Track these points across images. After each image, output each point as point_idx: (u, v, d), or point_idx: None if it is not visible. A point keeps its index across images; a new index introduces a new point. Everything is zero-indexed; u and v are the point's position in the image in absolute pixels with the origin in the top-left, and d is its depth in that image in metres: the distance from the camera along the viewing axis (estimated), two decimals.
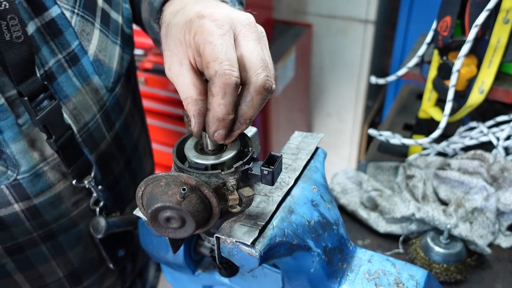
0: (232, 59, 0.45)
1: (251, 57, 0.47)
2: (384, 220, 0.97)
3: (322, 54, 2.49)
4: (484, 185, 0.93)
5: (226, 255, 0.49)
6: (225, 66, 0.45)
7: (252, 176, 0.49)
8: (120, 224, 0.79)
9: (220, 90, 0.45)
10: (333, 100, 2.62)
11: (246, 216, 0.49)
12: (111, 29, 0.74)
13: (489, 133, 1.05)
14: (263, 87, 0.46)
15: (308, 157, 0.59)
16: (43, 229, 0.69)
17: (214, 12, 0.48)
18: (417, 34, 1.35)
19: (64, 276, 0.76)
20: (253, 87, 0.46)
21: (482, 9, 0.89)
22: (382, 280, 0.55)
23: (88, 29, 0.69)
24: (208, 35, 0.46)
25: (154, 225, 0.45)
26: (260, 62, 0.46)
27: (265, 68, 0.46)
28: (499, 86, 0.99)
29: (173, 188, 0.43)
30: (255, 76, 0.46)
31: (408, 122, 1.34)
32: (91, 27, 0.70)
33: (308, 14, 2.42)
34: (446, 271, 0.86)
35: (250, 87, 0.46)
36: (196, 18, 0.48)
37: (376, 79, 1.26)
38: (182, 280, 0.75)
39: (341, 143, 2.75)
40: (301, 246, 0.51)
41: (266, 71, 0.46)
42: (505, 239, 0.94)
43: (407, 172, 1.03)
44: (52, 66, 0.65)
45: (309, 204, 0.54)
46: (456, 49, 0.98)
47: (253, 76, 0.46)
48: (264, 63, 0.46)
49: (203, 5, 0.50)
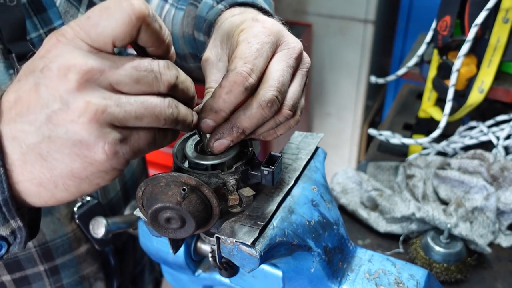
0: (257, 67, 0.45)
1: (276, 73, 0.46)
2: (384, 220, 0.97)
3: (322, 54, 2.49)
4: (484, 184, 0.93)
5: (226, 255, 0.49)
6: (246, 67, 0.44)
7: (252, 176, 0.49)
8: (121, 224, 0.79)
9: (228, 85, 0.44)
10: (333, 100, 2.62)
11: (246, 216, 0.49)
12: None
13: (489, 133, 1.05)
14: (267, 103, 0.45)
15: (308, 157, 0.59)
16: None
17: (268, 21, 0.48)
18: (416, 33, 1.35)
19: (34, 246, 0.73)
20: (257, 99, 0.45)
21: (481, 9, 0.89)
22: (382, 280, 0.55)
23: (72, 12, 0.71)
24: (251, 36, 0.46)
25: (154, 226, 0.45)
26: (277, 82, 0.45)
27: (279, 90, 0.45)
28: (499, 86, 0.99)
29: (173, 188, 0.43)
30: (265, 90, 0.45)
31: (408, 122, 1.34)
32: (75, 11, 0.72)
33: (308, 14, 2.43)
34: (447, 271, 0.86)
35: (255, 98, 0.45)
36: (251, 19, 0.49)
37: (376, 79, 1.26)
38: (182, 280, 0.75)
39: (341, 143, 2.75)
40: (301, 246, 0.51)
41: (277, 92, 0.45)
42: (505, 239, 0.94)
43: (407, 172, 1.03)
44: (34, 38, 0.67)
45: (309, 204, 0.54)
46: (456, 48, 0.98)
47: (263, 89, 0.45)
48: (281, 86, 0.45)
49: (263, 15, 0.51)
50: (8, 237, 0.40)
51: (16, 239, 0.41)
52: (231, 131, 0.46)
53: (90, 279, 0.84)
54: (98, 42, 0.36)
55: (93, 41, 0.36)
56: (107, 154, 0.36)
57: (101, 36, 0.36)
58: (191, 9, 0.70)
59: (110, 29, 0.36)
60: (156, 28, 0.38)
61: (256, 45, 0.45)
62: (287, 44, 0.48)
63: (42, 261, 0.75)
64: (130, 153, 0.38)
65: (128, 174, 0.91)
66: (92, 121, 0.35)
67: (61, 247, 0.76)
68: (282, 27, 0.50)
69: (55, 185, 0.38)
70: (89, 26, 0.36)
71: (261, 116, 0.45)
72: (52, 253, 0.75)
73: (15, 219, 0.40)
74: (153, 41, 0.39)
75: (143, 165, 1.02)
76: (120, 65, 0.37)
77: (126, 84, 0.37)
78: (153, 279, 1.08)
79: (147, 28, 0.37)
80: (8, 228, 0.40)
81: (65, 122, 0.35)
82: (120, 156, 0.37)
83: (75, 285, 0.81)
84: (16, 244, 0.42)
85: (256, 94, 0.45)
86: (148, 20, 0.37)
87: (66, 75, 0.35)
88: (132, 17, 0.36)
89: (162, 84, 0.39)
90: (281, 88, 0.45)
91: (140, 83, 0.37)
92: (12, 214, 0.39)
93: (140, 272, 1.02)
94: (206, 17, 0.64)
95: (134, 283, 0.99)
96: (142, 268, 1.02)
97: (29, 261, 0.74)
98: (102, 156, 0.36)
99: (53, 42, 0.37)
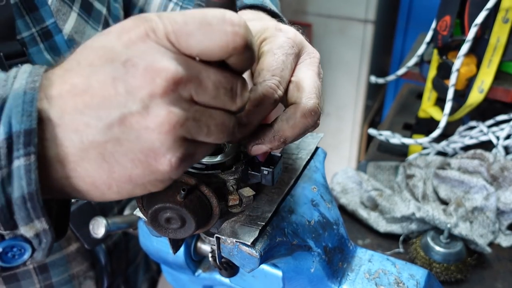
0: (284, 79, 0.45)
1: (310, 81, 0.46)
2: (384, 220, 0.97)
3: (321, 54, 2.46)
4: (484, 184, 0.93)
5: (226, 255, 0.49)
6: (274, 80, 0.44)
7: (252, 176, 0.49)
8: (121, 224, 0.79)
9: (258, 98, 0.43)
10: (333, 100, 2.62)
11: (246, 216, 0.49)
12: (93, 16, 0.76)
13: (489, 133, 1.05)
14: (311, 112, 0.44)
15: (308, 157, 0.59)
16: None
17: (291, 32, 0.48)
18: (416, 33, 1.35)
19: None
20: (302, 107, 0.44)
21: (481, 9, 0.89)
22: (382, 279, 0.55)
23: (65, 10, 0.71)
24: (276, 47, 0.46)
25: (154, 226, 0.45)
26: (316, 89, 0.45)
27: (319, 97, 0.45)
28: (499, 85, 0.99)
29: (173, 188, 0.43)
30: (307, 99, 0.45)
31: (408, 122, 1.34)
32: (68, 9, 0.72)
33: (307, 14, 2.43)
34: (447, 271, 0.86)
35: (299, 107, 0.44)
36: (274, 28, 0.48)
37: (375, 79, 1.26)
38: (182, 281, 0.75)
39: (341, 143, 2.75)
40: (301, 246, 0.52)
41: (319, 100, 0.45)
42: (505, 238, 0.94)
43: (407, 172, 1.03)
44: (25, 37, 0.67)
45: (309, 204, 0.54)
46: (456, 48, 0.98)
47: (305, 98, 0.45)
48: (319, 93, 0.46)
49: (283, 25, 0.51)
50: (33, 240, 0.36)
51: (41, 243, 0.37)
52: (273, 140, 0.45)
53: (79, 278, 0.84)
54: (185, 50, 0.34)
55: (181, 48, 0.33)
56: (171, 166, 0.34)
57: (190, 48, 0.33)
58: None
59: (203, 46, 0.33)
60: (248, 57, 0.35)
61: (281, 57, 0.45)
62: (308, 53, 0.49)
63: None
64: (190, 165, 0.37)
65: None
66: (170, 133, 0.33)
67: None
68: (301, 36, 0.50)
69: (108, 187, 0.36)
70: (183, 32, 0.33)
71: (304, 125, 0.45)
72: None
73: (40, 220, 0.35)
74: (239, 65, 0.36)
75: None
76: (205, 76, 0.34)
77: (205, 98, 0.35)
78: (149, 278, 1.08)
79: (238, 55, 0.35)
80: (32, 229, 0.35)
81: (141, 127, 0.33)
82: (181, 169, 0.36)
83: (64, 283, 0.81)
84: (41, 250, 0.37)
85: (298, 103, 0.45)
86: (242, 50, 0.34)
87: (154, 78, 0.32)
88: (229, 45, 0.33)
89: (235, 105, 0.37)
90: (319, 95, 0.46)
91: (217, 100, 0.35)
92: (38, 213, 0.34)
93: (133, 272, 1.01)
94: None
95: (127, 282, 0.99)
96: (135, 267, 1.02)
97: None
98: (166, 168, 0.34)
99: (140, 34, 0.33)
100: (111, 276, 0.89)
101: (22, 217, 0.34)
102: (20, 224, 0.34)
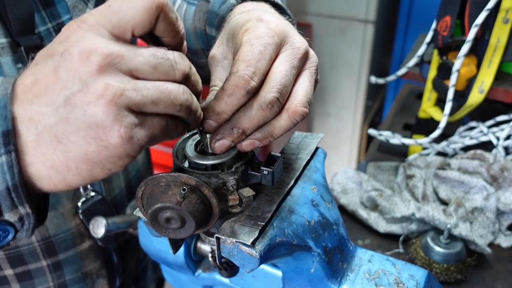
0: (259, 70, 0.45)
1: (276, 74, 0.46)
2: (384, 220, 0.97)
3: (322, 54, 2.49)
4: (484, 184, 0.94)
5: (226, 255, 0.49)
6: (248, 70, 0.44)
7: (252, 176, 0.49)
8: (121, 224, 0.79)
9: (230, 88, 0.44)
10: (333, 100, 2.62)
11: (246, 216, 0.49)
12: None
13: (489, 133, 1.05)
14: (267, 105, 0.45)
15: (308, 157, 0.59)
16: None
17: (273, 21, 0.48)
18: (417, 34, 1.35)
19: (37, 241, 0.73)
20: (258, 100, 0.45)
21: (481, 9, 0.89)
22: (382, 280, 0.55)
23: (81, 7, 0.72)
24: (254, 37, 0.46)
25: (154, 226, 0.45)
26: (279, 84, 0.45)
27: (280, 91, 0.45)
28: (499, 86, 0.99)
29: (173, 188, 0.43)
30: (265, 91, 0.45)
31: (408, 122, 1.34)
32: (84, 6, 0.73)
33: (308, 14, 2.43)
34: (446, 271, 0.86)
35: (256, 99, 0.45)
36: (255, 19, 0.48)
37: (376, 79, 1.26)
38: (182, 280, 0.75)
39: (341, 143, 2.75)
40: (301, 246, 0.52)
41: (278, 94, 0.45)
42: (505, 239, 0.94)
43: (407, 172, 1.03)
44: (42, 32, 0.67)
45: (309, 204, 0.54)
46: (456, 48, 0.98)
47: (264, 91, 0.45)
48: (283, 87, 0.45)
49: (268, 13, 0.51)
50: (16, 223, 0.40)
51: (23, 225, 0.41)
52: (232, 132, 0.46)
53: (92, 276, 0.84)
54: (118, 29, 0.37)
55: (114, 28, 0.37)
56: (122, 138, 0.36)
57: (121, 23, 0.37)
58: (203, 3, 0.70)
59: (130, 16, 0.37)
60: (173, 18, 0.40)
61: (259, 47, 0.45)
62: (291, 44, 0.48)
63: (45, 256, 0.75)
64: (145, 139, 0.38)
65: (133, 171, 0.91)
66: (110, 104, 0.35)
67: (64, 242, 0.77)
68: (288, 26, 0.50)
69: (67, 168, 0.38)
70: (110, 13, 0.37)
71: (261, 117, 0.45)
72: (55, 248, 0.76)
73: (24, 205, 0.39)
74: (169, 31, 0.40)
75: (148, 163, 1.02)
76: (138, 52, 0.38)
77: (144, 71, 0.38)
78: (156, 278, 1.08)
79: (165, 18, 0.39)
80: (16, 214, 0.39)
81: (83, 103, 0.36)
82: (134, 142, 0.38)
83: (78, 281, 0.81)
84: (24, 231, 0.42)
85: (257, 96, 0.45)
86: (166, 9, 0.38)
87: (88, 58, 0.35)
88: (152, 5, 0.37)
89: (178, 72, 0.40)
90: (283, 89, 0.45)
91: (157, 70, 0.38)
92: (21, 200, 0.39)
93: (142, 271, 1.02)
94: (218, 12, 0.64)
95: (136, 281, 0.99)
96: (144, 266, 1.02)
97: (32, 256, 0.74)
98: (117, 140, 0.36)
99: (73, 28, 0.37)
100: (122, 274, 0.90)
101: (7, 205, 0.38)
102: (5, 211, 0.39)
